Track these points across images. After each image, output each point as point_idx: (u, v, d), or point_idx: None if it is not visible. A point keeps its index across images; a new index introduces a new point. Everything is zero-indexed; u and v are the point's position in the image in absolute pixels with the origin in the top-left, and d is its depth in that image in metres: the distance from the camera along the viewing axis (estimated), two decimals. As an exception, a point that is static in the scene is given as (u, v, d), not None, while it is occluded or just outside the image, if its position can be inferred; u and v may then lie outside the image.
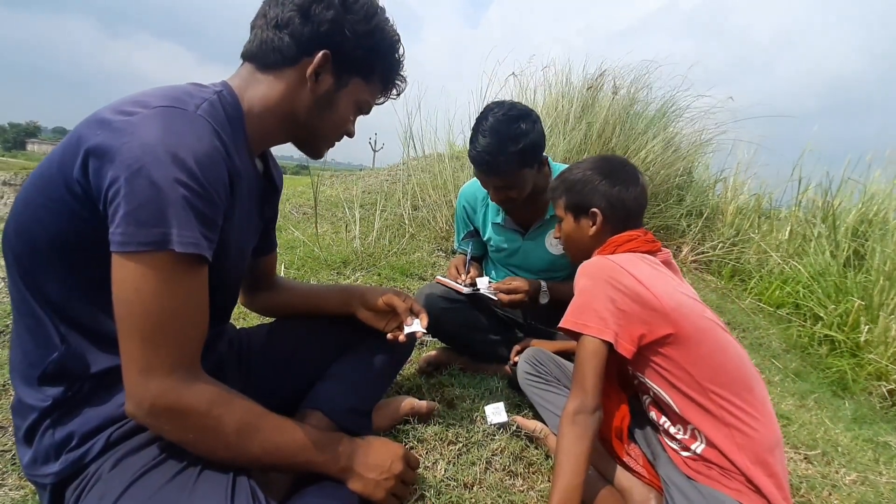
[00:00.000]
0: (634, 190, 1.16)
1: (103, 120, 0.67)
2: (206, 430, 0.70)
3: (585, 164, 1.21)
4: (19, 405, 0.76)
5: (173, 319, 0.67)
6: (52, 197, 0.68)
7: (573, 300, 1.04)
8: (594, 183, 1.16)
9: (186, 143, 0.66)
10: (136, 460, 0.72)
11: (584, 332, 0.99)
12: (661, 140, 3.78)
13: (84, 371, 0.74)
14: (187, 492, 0.69)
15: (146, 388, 0.66)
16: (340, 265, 2.49)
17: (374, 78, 0.91)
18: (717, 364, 0.97)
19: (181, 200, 0.64)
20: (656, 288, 0.98)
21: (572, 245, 1.24)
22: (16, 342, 0.77)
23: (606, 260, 1.05)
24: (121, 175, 0.63)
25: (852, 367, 2.48)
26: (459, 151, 3.78)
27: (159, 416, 0.68)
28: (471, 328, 1.60)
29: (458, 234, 1.82)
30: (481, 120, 1.41)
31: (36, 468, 0.73)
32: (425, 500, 1.01)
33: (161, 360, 0.67)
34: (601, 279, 1.01)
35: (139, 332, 0.66)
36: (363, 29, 0.84)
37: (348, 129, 0.94)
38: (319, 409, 1.02)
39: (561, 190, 1.22)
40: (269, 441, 0.76)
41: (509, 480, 1.13)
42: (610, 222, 1.15)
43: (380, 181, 4.03)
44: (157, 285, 0.65)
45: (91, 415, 0.74)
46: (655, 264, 1.07)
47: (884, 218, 3.51)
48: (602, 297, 0.99)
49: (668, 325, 0.96)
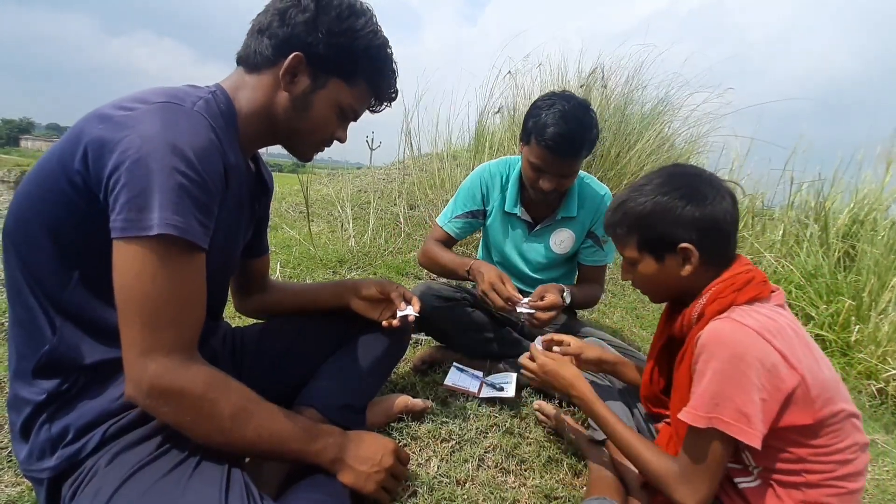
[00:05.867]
0: (724, 202, 0.91)
1: (104, 115, 0.70)
2: (202, 412, 0.72)
3: (651, 188, 0.95)
4: (14, 399, 0.77)
5: (172, 303, 0.69)
6: (52, 189, 0.70)
7: (700, 384, 0.83)
8: (674, 210, 0.91)
9: (184, 136, 0.69)
10: (132, 456, 0.73)
11: (721, 429, 0.80)
12: (654, 134, 3.79)
13: (78, 363, 0.75)
14: (182, 487, 0.70)
15: (145, 370, 0.68)
16: (336, 264, 2.50)
17: (358, 80, 0.91)
18: (835, 461, 0.82)
19: (179, 188, 0.67)
20: (805, 368, 0.81)
21: (657, 288, 1.02)
22: (11, 337, 0.79)
23: (744, 331, 0.81)
24: (122, 164, 0.65)
25: (843, 366, 2.51)
26: (456, 150, 3.80)
27: (157, 397, 0.70)
28: (465, 326, 1.61)
29: (454, 208, 1.70)
30: (549, 107, 1.41)
31: (32, 463, 0.74)
32: (418, 496, 1.03)
33: (160, 343, 0.69)
34: (744, 362, 0.79)
35: (139, 316, 0.68)
36: (336, 29, 0.85)
37: (335, 133, 0.95)
38: (313, 406, 1.03)
39: (626, 227, 0.97)
40: (264, 427, 0.78)
41: (501, 477, 1.15)
42: (706, 255, 0.91)
43: (376, 180, 4.04)
44: (157, 270, 0.67)
45: (86, 409, 0.75)
46: (792, 324, 0.87)
47: (874, 218, 3.54)
48: (746, 386, 0.79)
49: (808, 416, 0.81)
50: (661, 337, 1.07)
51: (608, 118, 3.79)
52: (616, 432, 0.98)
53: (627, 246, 0.98)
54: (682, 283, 0.94)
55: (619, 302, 2.78)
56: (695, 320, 0.91)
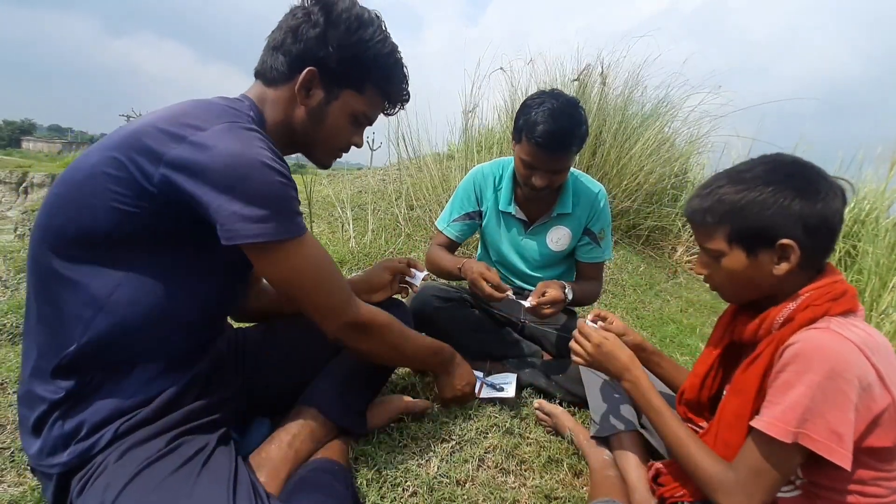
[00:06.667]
0: (836, 201, 0.81)
1: (174, 134, 0.74)
2: (384, 336, 0.99)
3: (752, 175, 0.85)
4: (28, 396, 0.78)
5: (325, 272, 0.88)
6: (121, 196, 0.74)
7: (788, 395, 0.76)
8: (781, 202, 0.81)
9: (263, 151, 0.78)
10: (142, 452, 0.74)
11: (808, 446, 0.74)
12: (654, 133, 3.78)
13: (100, 362, 0.77)
14: (190, 483, 0.72)
15: (345, 316, 0.91)
16: (336, 265, 2.51)
17: (369, 89, 0.95)
18: (894, 487, 0.78)
19: (284, 194, 0.79)
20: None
21: (740, 287, 0.91)
22: (31, 332, 0.80)
23: (846, 345, 0.74)
24: (220, 181, 0.73)
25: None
26: (454, 151, 3.80)
27: (360, 331, 0.94)
28: (464, 326, 1.61)
29: (451, 212, 1.73)
30: (539, 105, 1.43)
31: (43, 458, 0.76)
32: (418, 496, 1.03)
33: (339, 299, 0.91)
34: (843, 378, 0.72)
35: (316, 292, 0.87)
36: (346, 42, 0.88)
37: (351, 139, 1.00)
38: (315, 406, 1.04)
39: (718, 215, 0.86)
40: (414, 345, 1.10)
41: (501, 478, 1.15)
42: (806, 255, 0.82)
43: (376, 181, 4.05)
44: (302, 260, 0.83)
45: (100, 406, 0.76)
46: (887, 343, 0.80)
47: (875, 218, 3.54)
48: (843, 405, 0.73)
49: (890, 438, 0.76)
50: (722, 340, 1.00)
51: (608, 118, 3.79)
52: (669, 427, 0.93)
53: (714, 236, 0.88)
54: (769, 283, 0.85)
55: (619, 302, 2.79)
56: (778, 325, 0.84)
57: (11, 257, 2.12)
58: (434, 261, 1.67)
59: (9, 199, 8.58)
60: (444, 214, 1.75)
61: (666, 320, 2.62)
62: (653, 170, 3.77)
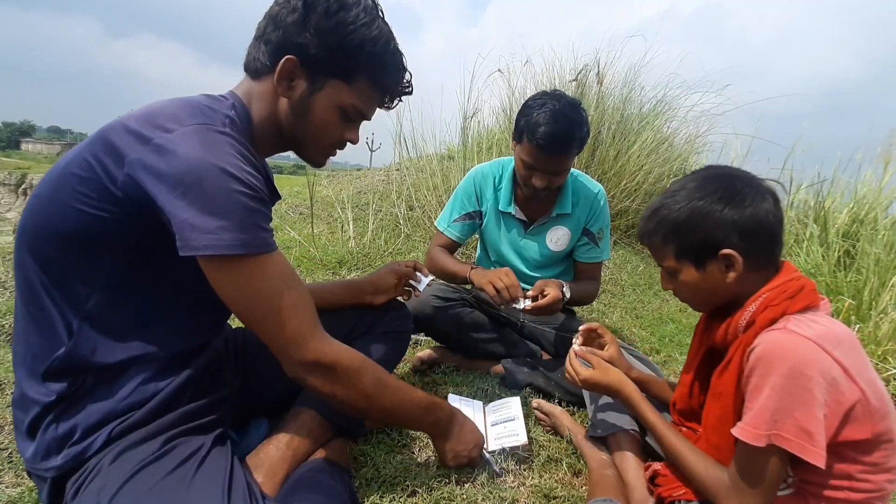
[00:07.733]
0: (765, 203, 0.85)
1: (141, 135, 0.70)
2: (350, 381, 0.84)
3: (685, 192, 0.89)
4: (22, 399, 0.78)
5: (286, 299, 0.77)
6: (85, 198, 0.71)
7: (757, 399, 0.78)
8: (712, 214, 0.85)
9: (226, 157, 0.71)
10: (136, 454, 0.74)
11: (781, 445, 0.76)
12: (653, 133, 3.78)
13: (91, 365, 0.76)
14: (185, 485, 0.71)
15: (305, 353, 0.80)
16: (336, 265, 2.51)
17: (360, 79, 0.86)
18: (885, 479, 0.79)
19: (241, 206, 0.71)
20: (864, 381, 0.77)
21: (702, 298, 0.96)
22: (20, 334, 0.79)
23: (803, 342, 0.76)
24: (176, 188, 0.68)
25: (843, 365, 2.52)
26: (454, 151, 3.80)
27: (320, 373, 0.82)
28: (464, 327, 1.62)
29: (451, 212, 1.73)
30: (540, 106, 1.42)
31: (37, 462, 0.75)
32: (417, 496, 1.03)
33: (298, 331, 0.79)
34: (804, 376, 0.74)
35: (272, 318, 0.77)
36: (325, 26, 0.81)
37: (344, 135, 0.92)
38: (313, 408, 1.04)
39: (661, 236, 0.92)
40: (396, 397, 0.92)
41: (501, 477, 1.15)
42: (751, 259, 0.85)
43: (376, 181, 4.05)
44: (254, 281, 0.75)
45: (93, 409, 0.76)
46: (851, 336, 0.82)
47: (874, 218, 3.54)
48: (808, 402, 0.74)
49: (866, 430, 0.77)
50: (700, 348, 1.02)
51: (607, 118, 3.79)
52: (664, 436, 0.96)
53: (665, 255, 0.93)
54: (728, 290, 0.89)
55: (619, 302, 2.79)
56: (742, 329, 0.86)
57: (10, 258, 2.12)
58: (437, 263, 1.67)
59: (8, 201, 8.57)
60: (445, 215, 1.75)
61: (665, 320, 2.62)
62: (651, 169, 3.77)
